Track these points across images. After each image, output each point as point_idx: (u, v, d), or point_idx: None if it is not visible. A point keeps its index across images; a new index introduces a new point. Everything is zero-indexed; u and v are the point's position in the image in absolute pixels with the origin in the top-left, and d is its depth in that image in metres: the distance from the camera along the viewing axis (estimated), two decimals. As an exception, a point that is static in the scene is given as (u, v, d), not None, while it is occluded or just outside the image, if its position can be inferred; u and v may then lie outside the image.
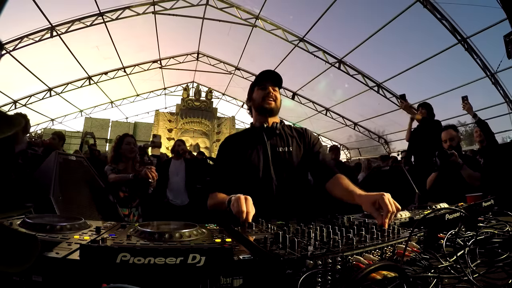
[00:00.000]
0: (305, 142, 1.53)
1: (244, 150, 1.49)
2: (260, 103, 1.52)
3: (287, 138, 1.52)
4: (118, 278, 0.52)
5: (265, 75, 1.53)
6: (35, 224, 0.76)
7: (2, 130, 0.25)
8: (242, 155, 1.48)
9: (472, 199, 1.68)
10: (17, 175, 2.43)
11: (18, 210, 0.37)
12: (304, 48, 8.95)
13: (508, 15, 3.09)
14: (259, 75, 1.55)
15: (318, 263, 0.64)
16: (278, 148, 1.48)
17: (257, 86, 1.56)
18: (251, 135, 1.54)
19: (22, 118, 0.27)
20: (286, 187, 1.43)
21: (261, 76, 1.54)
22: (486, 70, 7.00)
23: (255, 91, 1.56)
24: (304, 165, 1.49)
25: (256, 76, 1.59)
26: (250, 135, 1.55)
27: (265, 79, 1.53)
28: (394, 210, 0.96)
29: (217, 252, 0.57)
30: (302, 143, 1.53)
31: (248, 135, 1.56)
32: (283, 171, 1.44)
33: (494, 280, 0.75)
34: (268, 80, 1.53)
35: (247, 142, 1.52)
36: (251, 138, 1.53)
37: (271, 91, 1.51)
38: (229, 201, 1.15)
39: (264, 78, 1.53)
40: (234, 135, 1.64)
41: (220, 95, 14.16)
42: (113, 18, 7.93)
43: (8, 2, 0.26)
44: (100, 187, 2.42)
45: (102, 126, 13.11)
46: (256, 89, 1.56)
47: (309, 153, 1.51)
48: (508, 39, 3.47)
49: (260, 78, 1.54)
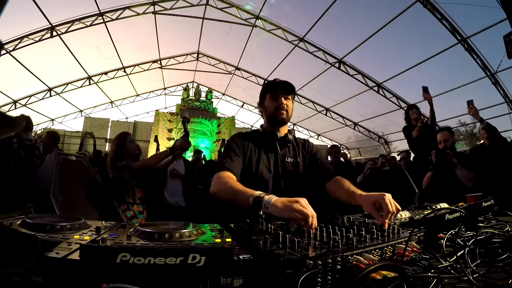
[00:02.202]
0: (308, 152, 1.58)
1: (257, 154, 1.49)
2: (272, 114, 1.51)
3: (296, 149, 1.56)
4: (118, 278, 0.52)
5: (278, 84, 1.51)
6: (35, 224, 0.76)
7: (2, 131, 0.25)
8: (254, 158, 1.47)
9: (472, 199, 1.69)
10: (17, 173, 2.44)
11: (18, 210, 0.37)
12: (304, 48, 8.94)
13: (508, 15, 3.10)
14: (272, 84, 1.53)
15: (318, 263, 0.64)
16: (287, 159, 1.51)
17: (269, 94, 1.53)
18: (264, 141, 1.53)
19: (23, 119, 0.27)
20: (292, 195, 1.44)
21: (274, 85, 1.52)
22: (486, 70, 7.00)
23: (267, 99, 1.54)
24: (307, 174, 1.53)
25: (267, 82, 1.58)
26: (263, 140, 1.53)
27: (277, 88, 1.51)
28: (394, 210, 0.96)
29: (217, 252, 0.57)
30: (306, 153, 1.58)
31: (260, 139, 1.54)
32: (290, 180, 1.48)
33: (494, 280, 0.75)
34: (281, 88, 1.50)
35: (260, 147, 1.51)
36: (263, 144, 1.52)
37: (283, 102, 1.49)
38: (259, 200, 1.04)
39: (276, 87, 1.51)
40: (246, 135, 1.59)
41: (220, 95, 14.16)
42: (113, 18, 7.92)
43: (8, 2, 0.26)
44: (100, 187, 2.42)
45: (101, 126, 13.09)
46: (268, 97, 1.54)
47: (310, 161, 1.56)
48: (508, 39, 3.48)
49: (272, 87, 1.52)
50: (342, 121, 12.59)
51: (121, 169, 2.58)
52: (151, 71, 11.43)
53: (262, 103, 1.58)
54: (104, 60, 9.80)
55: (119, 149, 2.73)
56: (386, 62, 8.78)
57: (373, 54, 8.41)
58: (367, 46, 8.00)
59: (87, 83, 10.77)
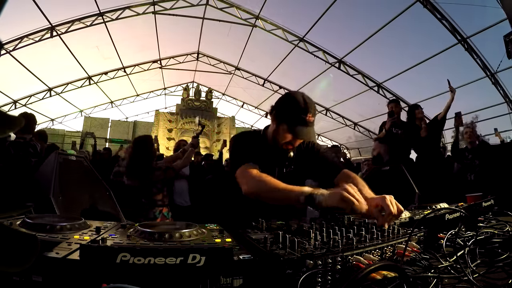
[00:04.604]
0: (311, 153, 1.51)
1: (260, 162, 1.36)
2: (279, 143, 1.37)
3: (296, 157, 1.48)
4: (118, 278, 0.52)
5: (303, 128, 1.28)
6: (35, 224, 0.76)
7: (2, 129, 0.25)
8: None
9: (472, 199, 1.69)
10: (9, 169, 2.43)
11: (18, 210, 0.37)
12: (304, 48, 8.94)
13: (508, 15, 3.10)
14: (298, 118, 1.27)
15: (318, 263, 0.64)
16: (285, 169, 1.49)
17: (287, 126, 1.30)
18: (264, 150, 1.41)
19: (22, 118, 0.27)
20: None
21: (299, 122, 1.27)
22: (486, 70, 7.00)
23: (283, 127, 1.32)
24: (312, 176, 1.51)
25: (296, 103, 1.29)
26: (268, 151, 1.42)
27: (299, 133, 1.29)
28: (396, 211, 0.93)
29: (217, 252, 0.57)
30: (308, 154, 1.51)
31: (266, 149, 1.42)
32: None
33: (494, 280, 0.75)
34: (302, 134, 1.30)
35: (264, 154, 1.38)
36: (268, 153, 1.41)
37: (296, 144, 1.36)
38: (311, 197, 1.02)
39: (299, 132, 1.29)
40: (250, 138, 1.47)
41: (220, 95, 14.16)
42: (113, 18, 7.92)
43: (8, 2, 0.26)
44: (100, 187, 2.42)
45: (101, 126, 13.09)
46: (285, 127, 1.31)
47: (314, 160, 1.48)
48: (508, 39, 3.49)
49: (296, 123, 1.28)
50: (342, 121, 12.59)
51: (167, 169, 2.61)
52: (151, 71, 11.43)
53: (276, 120, 1.36)
54: (104, 60, 9.81)
55: (154, 151, 2.72)
56: (386, 62, 8.78)
57: (373, 54, 8.40)
58: (367, 46, 8.00)
59: (87, 83, 10.77)
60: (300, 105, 1.28)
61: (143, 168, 2.57)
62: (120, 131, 13.26)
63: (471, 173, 3.64)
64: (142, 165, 2.57)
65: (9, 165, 2.54)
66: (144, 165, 2.58)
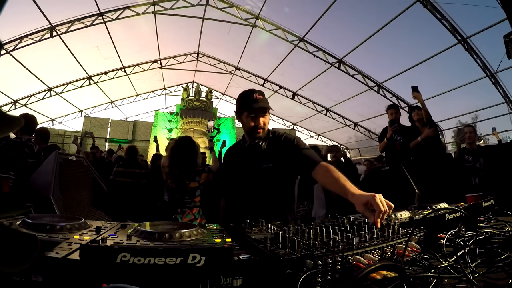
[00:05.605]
0: (292, 148, 1.53)
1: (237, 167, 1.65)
2: (249, 131, 1.55)
3: (273, 153, 1.54)
4: (118, 278, 0.52)
5: (256, 107, 1.50)
6: (35, 224, 0.76)
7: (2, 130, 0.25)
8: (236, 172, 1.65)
9: (472, 199, 1.68)
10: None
11: (18, 210, 0.37)
12: (304, 48, 8.94)
13: (508, 15, 3.10)
14: (249, 103, 1.51)
15: (318, 263, 0.64)
16: (263, 165, 1.55)
17: (246, 112, 1.53)
18: (241, 153, 1.64)
19: (22, 118, 0.27)
20: (272, 200, 1.54)
21: (252, 106, 1.50)
22: (486, 70, 7.00)
23: (245, 116, 1.54)
24: (290, 171, 1.57)
25: (244, 96, 1.55)
26: (241, 152, 1.65)
27: (256, 110, 1.51)
28: (386, 209, 0.94)
29: (217, 252, 0.57)
30: (289, 150, 1.53)
31: (239, 152, 1.67)
32: (268, 186, 1.54)
33: (494, 280, 0.75)
34: (259, 111, 1.52)
35: (239, 160, 1.65)
36: (241, 156, 1.64)
37: (261, 123, 1.52)
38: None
39: (254, 109, 1.51)
40: (232, 149, 1.77)
41: (220, 95, 14.16)
42: (113, 18, 7.92)
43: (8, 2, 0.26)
44: (100, 187, 2.42)
45: (101, 126, 13.08)
46: (245, 114, 1.54)
47: (292, 154, 1.51)
48: (508, 39, 3.48)
49: (250, 108, 1.51)
50: (342, 121, 12.58)
51: (209, 171, 2.64)
52: (151, 71, 11.43)
53: (240, 116, 1.59)
54: (104, 60, 9.80)
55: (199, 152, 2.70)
56: (386, 62, 8.79)
57: (373, 54, 8.41)
58: (367, 46, 8.00)
59: (87, 83, 10.77)
60: (246, 93, 1.56)
61: (191, 169, 2.53)
62: (120, 131, 13.25)
63: (475, 176, 3.61)
64: (190, 166, 2.53)
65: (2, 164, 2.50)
66: (192, 166, 2.55)
